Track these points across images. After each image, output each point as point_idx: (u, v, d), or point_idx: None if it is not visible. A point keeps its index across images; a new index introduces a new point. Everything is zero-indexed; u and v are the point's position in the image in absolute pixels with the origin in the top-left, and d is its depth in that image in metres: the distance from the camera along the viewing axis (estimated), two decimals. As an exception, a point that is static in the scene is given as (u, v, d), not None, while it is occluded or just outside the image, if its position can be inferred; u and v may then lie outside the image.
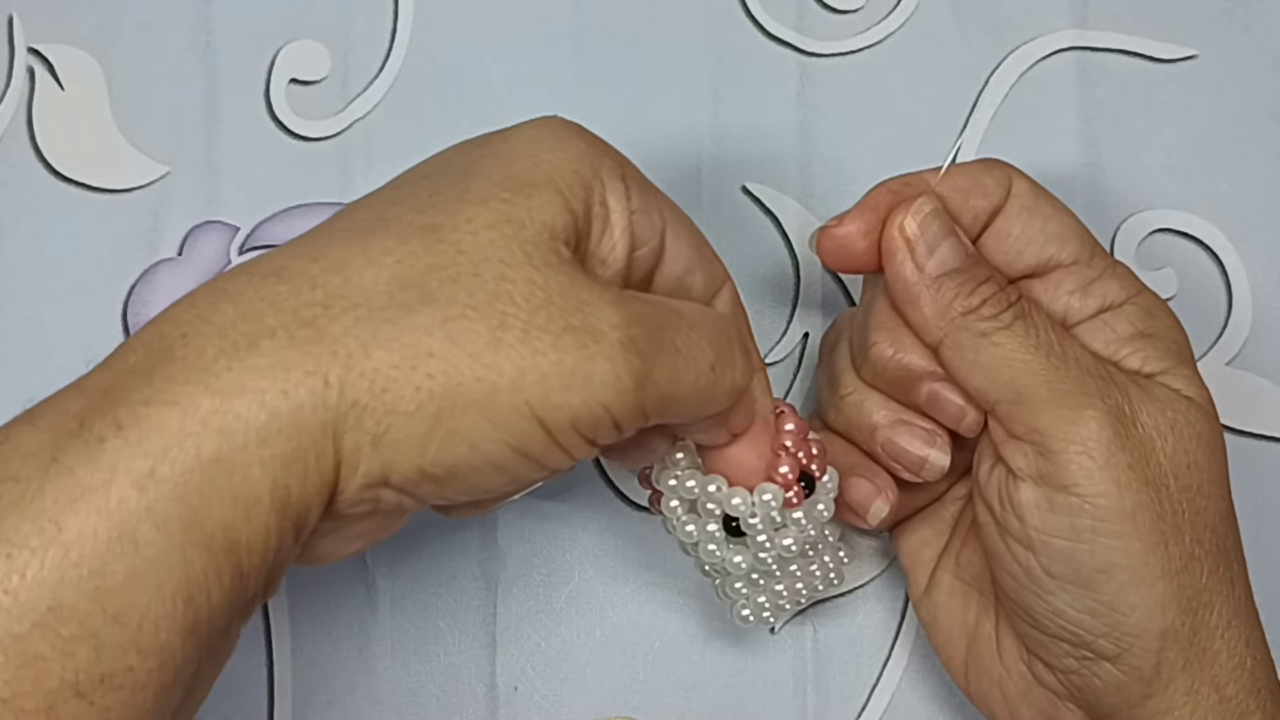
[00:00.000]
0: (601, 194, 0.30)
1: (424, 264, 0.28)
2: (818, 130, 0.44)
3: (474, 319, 0.27)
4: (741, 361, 0.32)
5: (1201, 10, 0.45)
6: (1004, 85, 0.44)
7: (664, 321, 0.30)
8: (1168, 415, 0.34)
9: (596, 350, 0.28)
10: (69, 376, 0.42)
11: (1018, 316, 0.34)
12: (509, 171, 0.29)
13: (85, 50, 0.45)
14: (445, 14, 0.45)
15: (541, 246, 0.28)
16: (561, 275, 0.28)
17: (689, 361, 0.30)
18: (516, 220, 0.28)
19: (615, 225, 0.31)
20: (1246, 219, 0.44)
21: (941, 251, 0.35)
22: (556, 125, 0.31)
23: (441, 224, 0.28)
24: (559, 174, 0.30)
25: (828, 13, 0.45)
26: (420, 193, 0.30)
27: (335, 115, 0.44)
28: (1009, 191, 0.36)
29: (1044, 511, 0.33)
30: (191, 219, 0.44)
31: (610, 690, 0.41)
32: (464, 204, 0.29)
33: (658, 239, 0.32)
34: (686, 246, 0.33)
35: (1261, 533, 0.42)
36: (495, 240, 0.28)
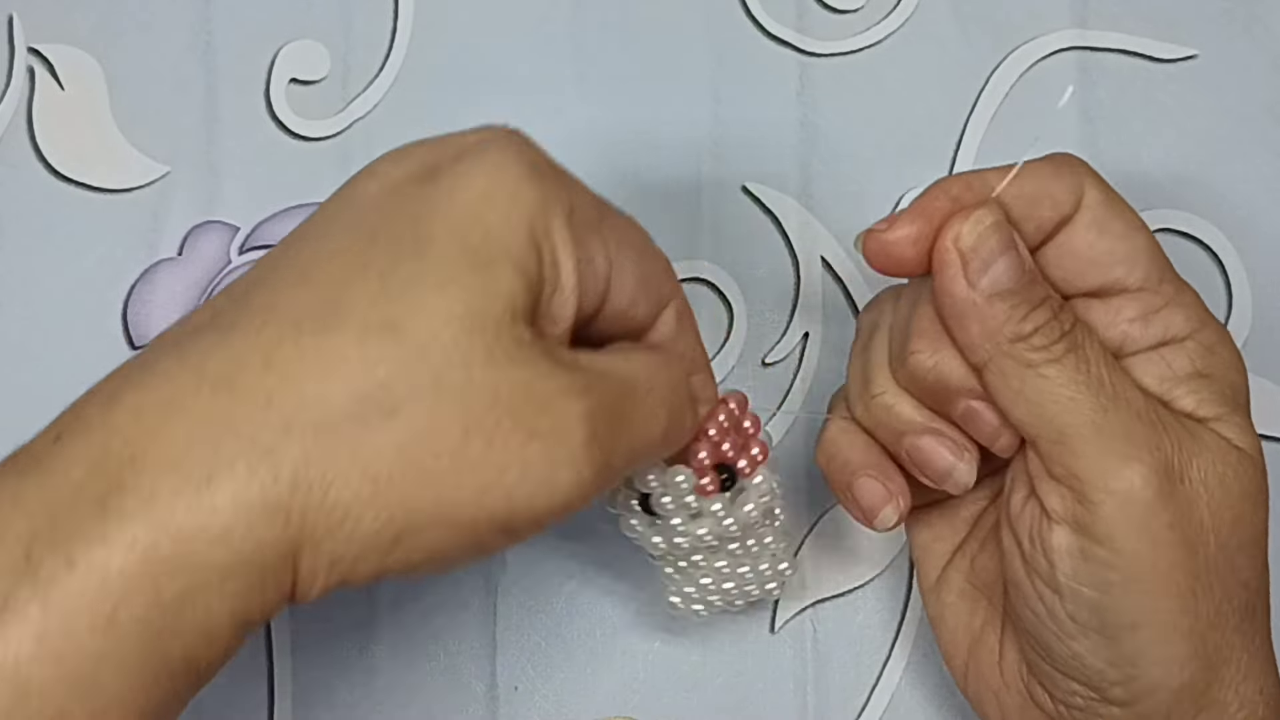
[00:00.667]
0: (553, 253, 0.29)
1: (384, 372, 0.26)
2: (818, 130, 0.44)
3: (437, 437, 0.26)
4: (690, 413, 0.32)
5: (1201, 10, 0.45)
6: (1004, 85, 0.44)
7: (623, 403, 0.30)
8: (1217, 470, 0.32)
9: (561, 455, 0.28)
10: (69, 376, 0.42)
11: (1070, 349, 0.32)
12: (465, 244, 0.28)
13: (85, 50, 0.45)
14: (445, 14, 0.45)
15: (503, 337, 0.27)
16: (525, 369, 0.27)
17: (646, 433, 0.30)
18: (477, 311, 0.27)
19: (565, 284, 0.29)
20: (1246, 219, 0.44)
21: (996, 269, 0.32)
22: (506, 169, 0.29)
23: (400, 320, 0.27)
24: (515, 243, 0.28)
25: (828, 12, 0.45)
26: (371, 268, 0.27)
27: (335, 115, 0.45)
28: (1080, 202, 0.33)
29: (1076, 559, 0.32)
30: (191, 219, 0.44)
31: (610, 690, 0.41)
32: (422, 290, 0.27)
33: (603, 284, 0.31)
34: (631, 278, 0.32)
35: (1261, 533, 0.42)
36: (458, 338, 0.27)
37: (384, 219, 0.28)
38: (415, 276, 0.27)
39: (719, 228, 0.44)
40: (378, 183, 0.30)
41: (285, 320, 0.27)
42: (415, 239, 0.28)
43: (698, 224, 0.44)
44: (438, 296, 0.27)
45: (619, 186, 0.44)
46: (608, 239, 0.31)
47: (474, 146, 0.29)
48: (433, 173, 0.29)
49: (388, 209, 0.29)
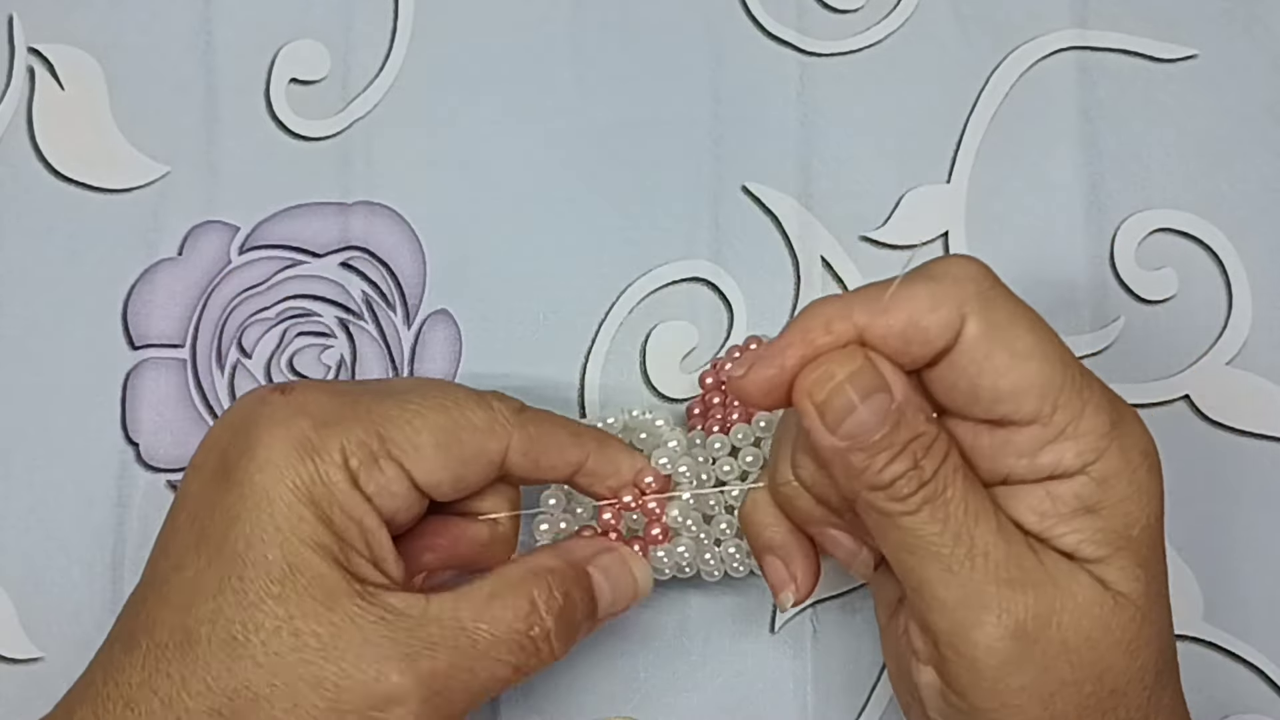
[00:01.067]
0: (341, 508, 0.32)
1: (230, 690, 0.31)
2: (818, 130, 0.44)
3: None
4: (546, 646, 0.34)
5: (1202, 10, 0.45)
6: (1004, 85, 0.44)
7: (457, 673, 0.32)
8: (1085, 623, 0.31)
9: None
10: (69, 376, 0.42)
11: (928, 500, 0.31)
12: (266, 555, 0.32)
13: (85, 50, 0.45)
14: (445, 14, 0.45)
15: (331, 618, 0.31)
16: (353, 651, 0.31)
17: (489, 681, 0.33)
18: (300, 613, 0.31)
19: (368, 524, 0.33)
20: (1246, 219, 0.44)
21: (853, 420, 0.30)
22: (275, 459, 0.32)
23: (242, 632, 0.31)
24: (304, 531, 0.32)
25: (828, 12, 0.45)
26: (207, 590, 0.32)
27: (335, 115, 0.45)
28: (957, 336, 0.31)
29: (938, 697, 0.32)
30: (191, 219, 0.44)
31: (610, 690, 0.41)
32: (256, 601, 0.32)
33: (410, 495, 0.34)
34: (443, 471, 0.34)
35: (1262, 533, 0.42)
36: (290, 639, 0.31)
37: (205, 537, 0.33)
38: (242, 592, 0.32)
39: (719, 228, 0.44)
40: (198, 482, 0.34)
41: (153, 642, 0.32)
42: (233, 558, 0.32)
43: (698, 224, 0.44)
44: (270, 605, 0.31)
45: (619, 186, 0.44)
46: (395, 453, 0.33)
47: (251, 435, 0.33)
48: (226, 474, 0.33)
49: (205, 524, 0.33)
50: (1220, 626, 0.41)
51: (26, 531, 0.42)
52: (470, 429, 0.34)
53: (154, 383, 0.43)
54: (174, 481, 0.42)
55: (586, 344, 0.43)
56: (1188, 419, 0.42)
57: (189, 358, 0.43)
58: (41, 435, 0.42)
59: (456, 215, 0.44)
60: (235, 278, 0.43)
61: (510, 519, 0.36)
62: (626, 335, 0.43)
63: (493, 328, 0.43)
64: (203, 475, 0.34)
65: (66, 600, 0.41)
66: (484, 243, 0.44)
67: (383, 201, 0.44)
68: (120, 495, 0.42)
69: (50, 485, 0.42)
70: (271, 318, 0.43)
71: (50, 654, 0.41)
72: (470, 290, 0.43)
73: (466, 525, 0.36)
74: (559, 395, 0.43)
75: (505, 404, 0.35)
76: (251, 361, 0.43)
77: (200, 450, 0.35)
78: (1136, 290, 0.43)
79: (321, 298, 0.43)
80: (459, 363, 0.43)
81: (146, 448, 0.42)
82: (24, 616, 0.41)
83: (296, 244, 0.44)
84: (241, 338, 0.43)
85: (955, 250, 0.43)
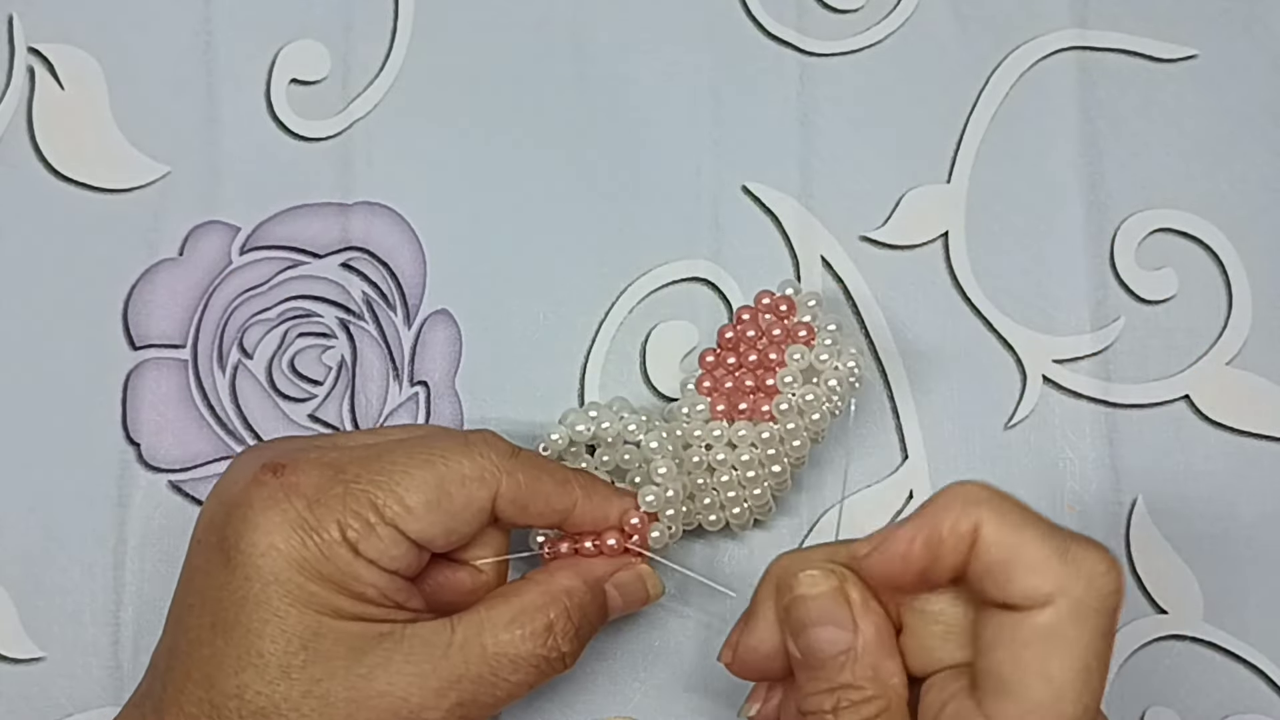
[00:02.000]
0: (358, 585, 0.34)
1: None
2: (818, 130, 0.44)
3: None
4: (560, 664, 0.35)
5: (1201, 10, 0.45)
6: (1004, 85, 0.44)
7: (480, 695, 0.34)
8: None
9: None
10: (69, 376, 0.42)
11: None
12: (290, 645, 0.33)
13: (85, 50, 0.45)
14: (445, 14, 0.45)
15: (347, 670, 0.33)
16: (395, 700, 0.33)
17: (506, 698, 0.35)
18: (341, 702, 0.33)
19: (384, 584, 0.34)
20: (1246, 219, 0.44)
21: (805, 638, 0.32)
22: (275, 535, 0.33)
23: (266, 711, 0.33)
24: (333, 618, 0.33)
25: (828, 12, 0.45)
26: (222, 656, 0.33)
27: (335, 115, 0.45)
28: (1033, 608, 0.30)
29: None
30: (192, 219, 0.44)
31: (610, 690, 0.41)
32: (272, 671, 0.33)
33: (402, 545, 0.35)
34: (432, 526, 0.35)
35: (1262, 533, 0.42)
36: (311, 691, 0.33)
37: (219, 619, 0.34)
38: (263, 668, 0.33)
39: (719, 228, 0.44)
40: (201, 557, 0.35)
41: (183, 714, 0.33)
42: (250, 637, 0.33)
43: (698, 224, 0.44)
44: (296, 674, 0.33)
45: (619, 186, 0.44)
46: (389, 517, 0.34)
47: (249, 520, 0.34)
48: (228, 557, 0.34)
49: (216, 607, 0.34)
50: (1220, 626, 0.41)
51: (27, 531, 0.42)
52: (458, 481, 0.35)
53: (155, 383, 0.43)
54: (175, 482, 0.42)
55: (586, 344, 0.43)
56: (1188, 419, 0.42)
57: (190, 358, 0.43)
58: (42, 435, 0.42)
59: (456, 215, 0.44)
60: (236, 278, 0.43)
61: (496, 564, 0.37)
62: (626, 335, 0.43)
63: (493, 328, 0.43)
64: (205, 552, 0.35)
65: (67, 600, 0.41)
66: (484, 243, 0.44)
67: (383, 202, 0.44)
68: (121, 495, 0.42)
69: (51, 485, 0.42)
70: (272, 318, 0.43)
71: (51, 654, 0.41)
72: (470, 290, 0.43)
73: (453, 571, 0.37)
74: (559, 395, 0.43)
75: (494, 449, 0.36)
76: (253, 362, 0.43)
77: (200, 525, 0.36)
78: (1136, 290, 0.43)
79: (322, 298, 0.43)
80: (459, 363, 0.43)
81: (147, 448, 0.42)
82: (24, 616, 0.41)
83: (297, 244, 0.44)
84: (243, 338, 0.43)
85: (955, 250, 0.43)
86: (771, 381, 0.39)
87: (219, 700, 0.33)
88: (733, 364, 0.40)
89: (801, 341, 0.39)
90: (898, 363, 0.43)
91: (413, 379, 0.43)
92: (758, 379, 0.39)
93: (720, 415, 0.39)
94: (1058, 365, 0.43)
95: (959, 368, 0.43)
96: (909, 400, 0.42)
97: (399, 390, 0.43)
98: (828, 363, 0.39)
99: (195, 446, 0.42)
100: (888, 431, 0.42)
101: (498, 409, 0.42)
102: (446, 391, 0.43)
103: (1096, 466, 0.42)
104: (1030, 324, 0.43)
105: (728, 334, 0.40)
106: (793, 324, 0.40)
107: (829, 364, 0.39)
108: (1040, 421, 0.42)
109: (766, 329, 0.40)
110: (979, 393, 0.42)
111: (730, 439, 0.39)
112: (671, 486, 0.38)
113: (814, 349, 0.39)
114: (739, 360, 0.40)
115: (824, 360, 0.39)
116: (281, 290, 0.43)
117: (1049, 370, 0.43)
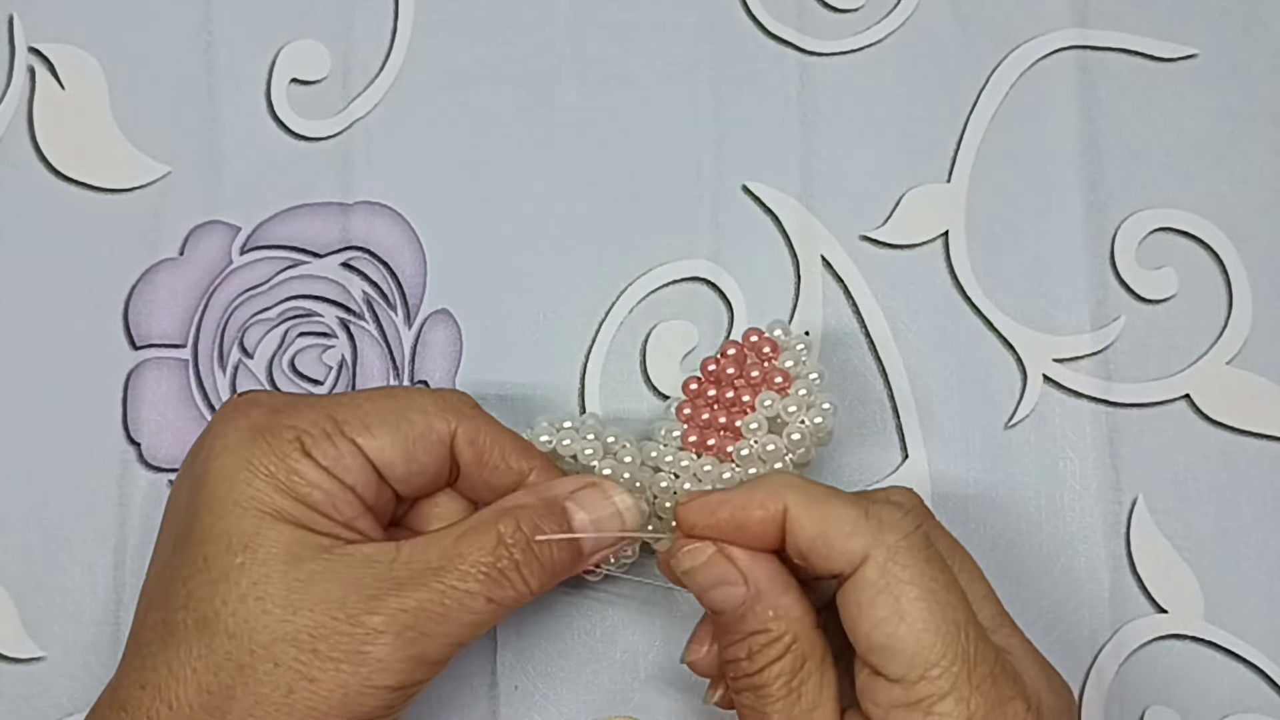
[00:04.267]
0: (305, 488, 0.34)
1: (214, 666, 0.32)
2: (818, 130, 0.44)
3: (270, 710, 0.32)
4: (516, 577, 0.34)
5: (1202, 9, 0.45)
6: (1004, 85, 0.44)
7: (429, 608, 0.33)
8: None
9: (368, 672, 0.32)
10: (70, 376, 0.42)
11: (750, 689, 0.34)
12: (231, 546, 0.33)
13: (86, 50, 0.45)
14: (445, 14, 0.45)
15: (298, 571, 0.33)
16: (330, 623, 0.32)
17: (463, 614, 0.33)
18: (264, 578, 0.33)
19: (336, 495, 0.34)
20: (1246, 218, 0.44)
21: (706, 604, 0.35)
22: (231, 445, 0.34)
23: (208, 616, 0.33)
24: (275, 520, 0.33)
25: (828, 12, 0.45)
26: (183, 578, 0.34)
27: (336, 115, 0.45)
28: (856, 569, 0.32)
29: None
30: (192, 219, 0.44)
31: (610, 690, 0.41)
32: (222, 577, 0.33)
33: (368, 471, 0.35)
34: (391, 448, 0.35)
35: (1262, 533, 0.42)
36: (274, 645, 0.32)
37: (177, 533, 0.35)
38: (206, 570, 0.33)
39: (719, 228, 0.44)
40: (175, 494, 0.36)
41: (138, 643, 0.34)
42: (199, 542, 0.34)
43: (698, 224, 0.44)
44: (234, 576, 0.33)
45: (619, 186, 0.44)
46: (346, 431, 0.35)
47: (212, 431, 0.35)
48: (193, 473, 0.35)
49: (178, 523, 0.35)
50: (1220, 626, 0.41)
51: (28, 531, 0.42)
52: (419, 410, 0.36)
53: (155, 382, 0.43)
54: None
55: (586, 344, 0.43)
56: (1188, 419, 0.42)
57: (190, 357, 0.43)
58: (43, 435, 0.42)
59: (457, 215, 0.44)
60: (236, 278, 0.43)
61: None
62: (626, 335, 0.43)
63: (493, 327, 0.43)
64: (177, 484, 0.36)
65: (68, 600, 0.41)
66: (484, 243, 0.44)
67: (383, 201, 0.44)
68: (121, 495, 0.42)
69: (51, 485, 0.42)
70: (273, 318, 0.43)
71: (51, 653, 0.41)
72: (471, 290, 0.43)
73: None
74: (559, 395, 0.43)
75: (461, 398, 0.37)
76: (253, 361, 0.43)
77: (179, 472, 0.37)
78: (1137, 290, 0.43)
79: (322, 298, 0.43)
80: (459, 362, 0.43)
81: (148, 447, 0.42)
82: (25, 616, 0.41)
83: (297, 244, 0.44)
84: (243, 338, 0.43)
85: (955, 249, 0.43)
86: (740, 424, 0.39)
87: (168, 616, 0.33)
88: (712, 396, 0.40)
89: (776, 389, 0.39)
90: (898, 363, 0.43)
91: (413, 378, 0.43)
92: (730, 417, 0.39)
93: (691, 446, 0.39)
94: (1058, 364, 0.43)
95: (959, 367, 0.43)
96: (909, 400, 0.42)
97: (399, 390, 0.43)
98: (795, 415, 0.39)
99: (196, 446, 0.42)
100: (888, 431, 0.42)
101: (498, 408, 0.42)
102: (447, 391, 0.43)
103: (1096, 466, 0.42)
104: (1030, 323, 0.43)
105: (710, 366, 0.39)
106: (771, 369, 0.39)
107: (795, 416, 0.39)
108: (1040, 421, 0.42)
109: (746, 370, 0.39)
110: (979, 392, 0.43)
111: (695, 473, 0.39)
112: (627, 516, 0.37)
113: (786, 398, 0.39)
114: (718, 394, 0.40)
115: (791, 412, 0.38)
116: (282, 290, 0.43)
117: (1049, 369, 0.43)
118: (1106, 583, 0.41)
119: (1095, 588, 0.41)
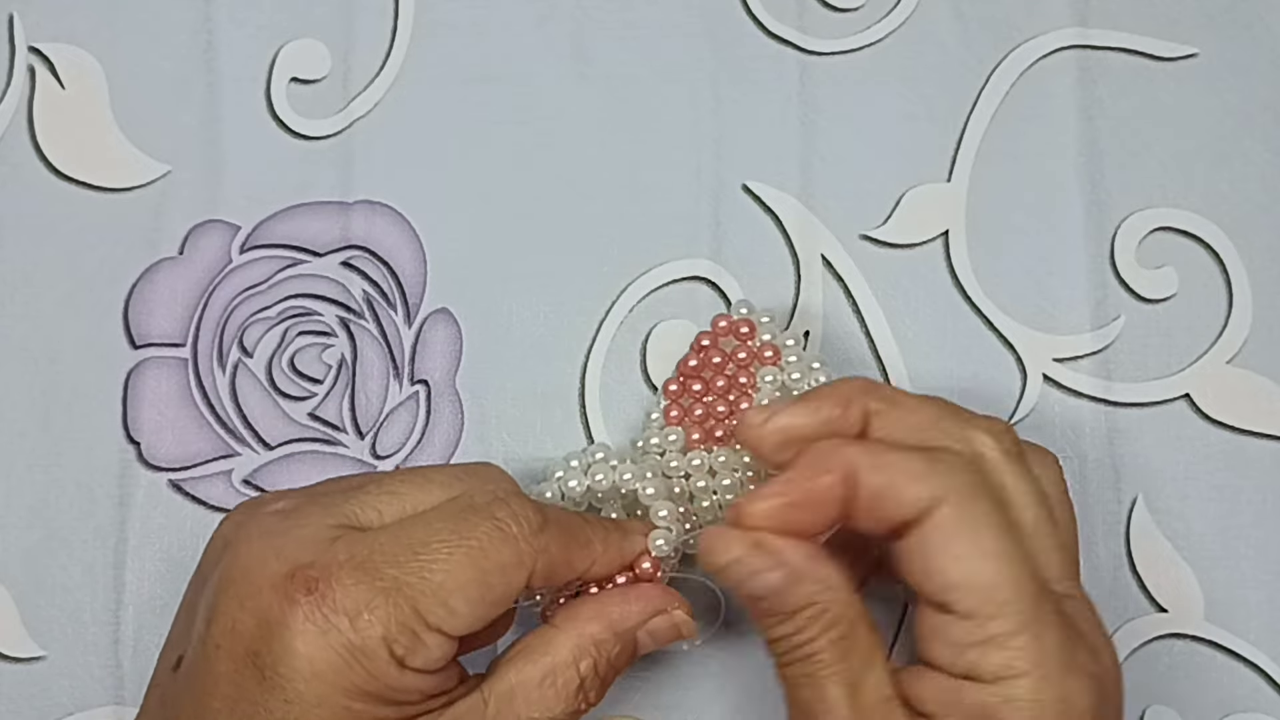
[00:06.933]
0: (402, 694, 0.33)
1: None
2: (818, 129, 0.44)
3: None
4: (586, 709, 0.35)
5: (1202, 9, 0.45)
6: (1004, 84, 0.44)
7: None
8: None
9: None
10: (69, 376, 0.42)
11: (798, 660, 0.33)
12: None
13: (86, 49, 0.45)
14: (445, 14, 0.45)
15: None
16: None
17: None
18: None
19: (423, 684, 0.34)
20: (1247, 218, 0.44)
21: (745, 593, 0.34)
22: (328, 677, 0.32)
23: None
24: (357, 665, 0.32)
25: (828, 11, 0.45)
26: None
27: (336, 114, 0.45)
28: (929, 512, 0.32)
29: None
30: (192, 218, 0.44)
31: (610, 690, 0.41)
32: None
33: (454, 647, 0.34)
34: (476, 622, 0.34)
35: (1262, 533, 0.42)
36: None
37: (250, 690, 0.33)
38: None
39: (719, 227, 0.44)
40: (227, 665, 0.33)
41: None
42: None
43: (698, 224, 0.44)
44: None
45: (619, 186, 0.44)
46: (433, 623, 0.33)
47: (290, 645, 0.32)
48: (262, 675, 0.32)
49: (243, 713, 0.32)
50: (1220, 626, 0.41)
51: (28, 531, 0.42)
52: (498, 572, 0.34)
53: (155, 382, 0.43)
54: (175, 481, 0.42)
55: (586, 343, 0.43)
56: (1188, 418, 0.42)
57: (190, 357, 0.43)
58: (42, 435, 0.42)
59: (456, 215, 0.44)
60: (236, 277, 0.43)
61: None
62: (627, 334, 0.43)
63: (493, 326, 0.43)
64: (233, 663, 0.33)
65: (68, 599, 0.41)
66: (484, 242, 0.44)
67: (383, 200, 0.44)
68: (122, 495, 0.42)
69: (51, 484, 0.42)
70: (272, 317, 0.43)
71: (52, 653, 0.41)
72: (471, 289, 0.43)
73: None
74: (559, 394, 0.43)
75: (527, 523, 0.35)
76: (253, 361, 0.43)
77: (218, 625, 0.33)
78: (1137, 289, 0.43)
79: (322, 297, 0.43)
80: (459, 361, 0.43)
81: (148, 447, 0.42)
82: (25, 615, 0.41)
83: (297, 243, 0.44)
84: (243, 337, 0.43)
85: (955, 249, 0.43)
86: (746, 405, 0.39)
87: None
88: (699, 390, 0.40)
89: (769, 362, 0.39)
90: (898, 362, 0.43)
91: (413, 378, 0.43)
92: (730, 404, 0.39)
93: (695, 444, 0.39)
94: (1058, 364, 0.43)
95: (959, 367, 0.43)
96: (909, 399, 0.42)
97: (399, 389, 0.43)
98: (800, 380, 0.39)
99: (196, 445, 0.42)
100: (888, 431, 0.42)
101: (498, 408, 0.43)
102: (447, 390, 0.43)
103: (1096, 466, 0.42)
104: (1030, 323, 0.43)
105: (691, 361, 0.40)
106: (757, 345, 0.40)
107: (801, 381, 0.39)
108: (1040, 420, 0.42)
109: (732, 353, 0.40)
110: (979, 392, 0.42)
111: (711, 466, 0.39)
112: (675, 527, 0.37)
113: (783, 368, 0.39)
114: (706, 387, 0.40)
115: (796, 379, 0.39)
116: (282, 289, 0.43)
117: (1049, 369, 0.43)
118: (1106, 582, 0.41)
119: (1095, 587, 0.41)
